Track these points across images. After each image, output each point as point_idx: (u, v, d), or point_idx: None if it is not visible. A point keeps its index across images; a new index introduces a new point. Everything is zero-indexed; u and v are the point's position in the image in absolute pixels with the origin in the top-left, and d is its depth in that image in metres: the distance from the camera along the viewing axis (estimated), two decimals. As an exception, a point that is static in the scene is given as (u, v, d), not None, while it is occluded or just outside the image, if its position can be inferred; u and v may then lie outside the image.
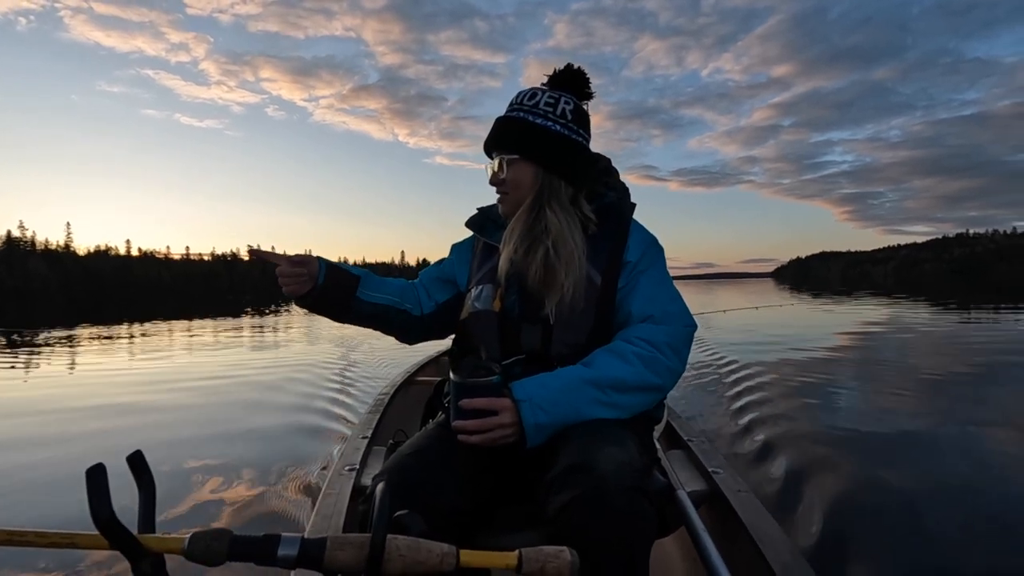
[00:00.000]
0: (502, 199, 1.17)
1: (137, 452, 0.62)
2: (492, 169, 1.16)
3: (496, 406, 0.96)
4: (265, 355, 7.98)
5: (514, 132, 1.13)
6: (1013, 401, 4.07)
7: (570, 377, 1.00)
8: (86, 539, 0.57)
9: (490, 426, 0.95)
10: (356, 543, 0.60)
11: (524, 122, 1.13)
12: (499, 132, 1.15)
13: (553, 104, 1.13)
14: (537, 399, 0.97)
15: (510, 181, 1.14)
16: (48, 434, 3.51)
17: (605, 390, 1.00)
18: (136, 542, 0.57)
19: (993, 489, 2.37)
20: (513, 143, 1.13)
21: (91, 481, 0.53)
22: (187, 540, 0.58)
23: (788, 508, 2.16)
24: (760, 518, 1.08)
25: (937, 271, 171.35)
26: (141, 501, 0.61)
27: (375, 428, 1.68)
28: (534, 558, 0.60)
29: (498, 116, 1.19)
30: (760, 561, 0.95)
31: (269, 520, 2.11)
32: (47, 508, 2.30)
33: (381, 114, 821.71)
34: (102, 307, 26.89)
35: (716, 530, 1.09)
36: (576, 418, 0.98)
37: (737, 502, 1.14)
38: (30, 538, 0.56)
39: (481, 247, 1.24)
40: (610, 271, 1.10)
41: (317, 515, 1.07)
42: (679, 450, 1.49)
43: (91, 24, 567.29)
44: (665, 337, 1.05)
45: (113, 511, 0.54)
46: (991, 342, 7.59)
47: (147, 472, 0.62)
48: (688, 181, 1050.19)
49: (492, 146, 1.17)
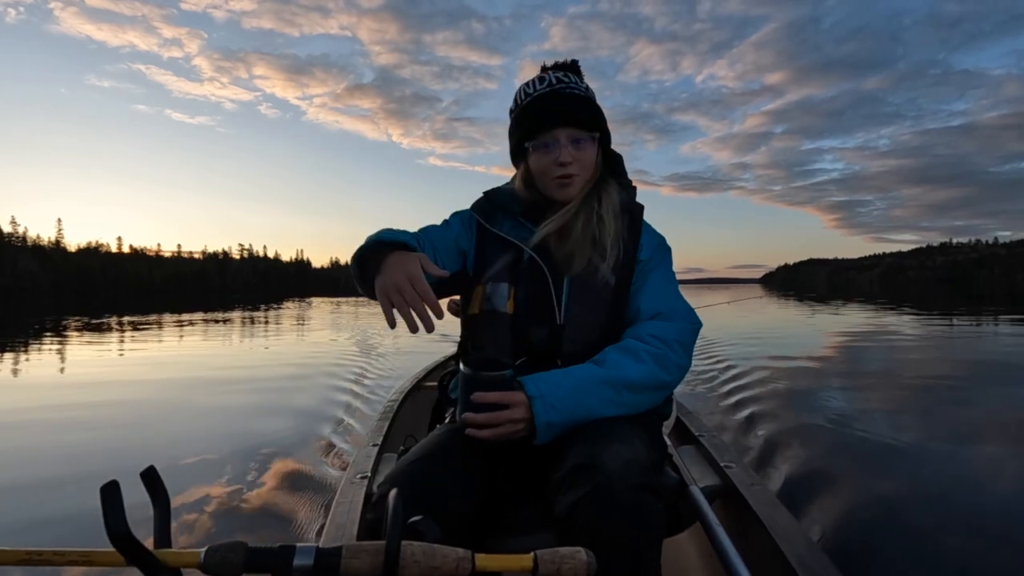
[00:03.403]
0: (572, 181, 1.10)
1: (151, 468, 0.62)
2: (562, 145, 1.07)
3: (509, 400, 0.94)
4: (264, 356, 7.91)
5: (589, 108, 1.09)
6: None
7: (583, 376, 0.98)
8: (103, 556, 0.57)
9: (500, 420, 0.93)
10: (371, 550, 0.60)
11: (591, 101, 1.09)
12: (572, 106, 1.08)
13: (587, 89, 1.13)
14: (550, 397, 0.95)
15: (584, 161, 1.09)
16: (51, 444, 3.42)
17: (619, 390, 0.98)
18: (153, 558, 0.57)
19: (1015, 479, 2.37)
20: (592, 121, 1.08)
21: (105, 498, 0.53)
22: (203, 554, 0.58)
23: (802, 501, 2.16)
24: (775, 511, 1.07)
25: (921, 279, 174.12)
26: (156, 516, 0.62)
27: (385, 435, 1.67)
28: (550, 560, 0.60)
29: (542, 91, 1.09)
30: (777, 555, 0.95)
31: (283, 530, 2.09)
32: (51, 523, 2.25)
33: (375, 114, 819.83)
34: (92, 306, 26.46)
35: (731, 525, 1.09)
36: (587, 417, 0.97)
37: (751, 496, 1.13)
38: (47, 557, 0.57)
39: (489, 237, 1.16)
40: (624, 270, 1.10)
41: (331, 524, 1.07)
42: (690, 446, 1.49)
43: (82, 17, 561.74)
44: (675, 334, 1.05)
45: (128, 527, 0.54)
46: (993, 346, 7.70)
47: (161, 487, 0.63)
48: (680, 186, 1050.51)
49: (567, 121, 1.07)
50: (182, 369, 6.58)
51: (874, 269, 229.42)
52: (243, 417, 4.00)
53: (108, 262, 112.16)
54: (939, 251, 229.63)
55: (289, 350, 8.60)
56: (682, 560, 1.46)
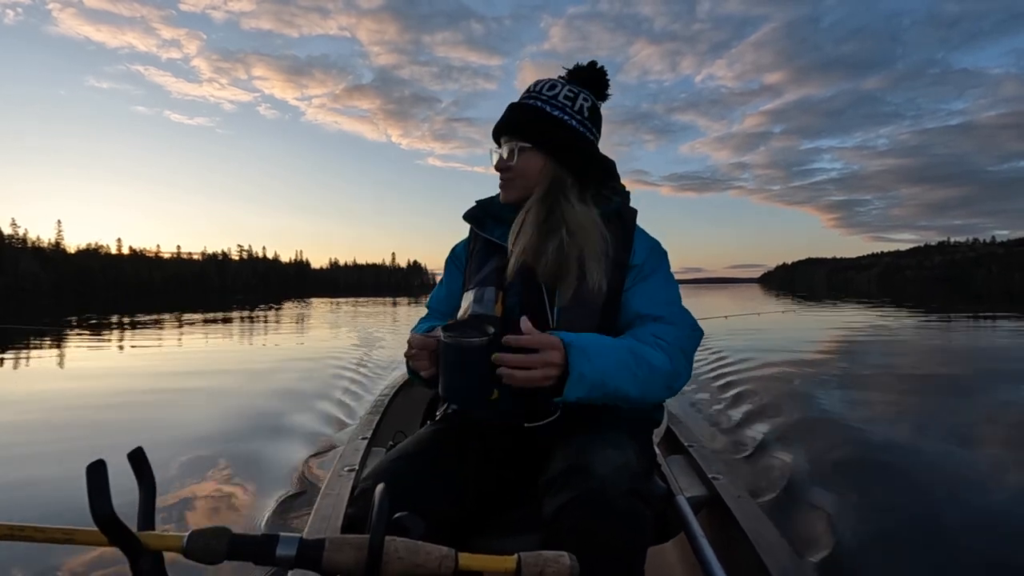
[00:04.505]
0: (506, 184, 1.14)
1: (138, 449, 0.62)
2: (500, 154, 1.13)
3: (545, 343, 0.89)
4: (263, 352, 7.92)
5: (529, 119, 1.11)
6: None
7: (611, 339, 0.98)
8: (85, 535, 0.57)
9: (535, 363, 0.88)
10: (355, 544, 0.59)
11: (541, 111, 1.10)
12: (513, 117, 1.13)
13: (572, 98, 1.12)
14: (580, 344, 0.91)
15: (517, 168, 1.11)
16: (47, 429, 3.46)
17: (640, 363, 0.96)
18: (135, 539, 0.57)
19: (998, 495, 2.35)
20: (527, 130, 1.10)
21: (91, 477, 0.53)
22: (186, 538, 0.57)
23: (788, 515, 2.15)
24: (760, 524, 1.07)
25: (919, 278, 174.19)
26: (141, 498, 0.61)
27: (375, 429, 1.67)
28: (533, 562, 0.60)
29: (512, 102, 1.16)
30: (760, 567, 0.95)
31: (268, 519, 2.09)
32: (46, 502, 2.27)
33: (374, 114, 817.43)
34: (93, 307, 26.46)
35: (715, 536, 1.09)
36: (606, 382, 0.92)
37: (737, 508, 1.13)
38: (29, 532, 0.56)
39: (479, 245, 1.20)
40: (616, 277, 1.08)
41: (316, 516, 1.06)
42: (679, 455, 1.48)
43: (81, 18, 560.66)
44: (676, 339, 1.03)
45: (112, 508, 0.54)
46: (994, 348, 7.68)
47: (148, 469, 0.62)
48: (679, 186, 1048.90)
49: (503, 131, 1.13)
50: (183, 362, 6.61)
51: (872, 269, 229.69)
52: (239, 408, 4.01)
53: (108, 263, 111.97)
54: (937, 250, 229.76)
55: (290, 346, 8.63)
56: (665, 569, 1.46)
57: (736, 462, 2.80)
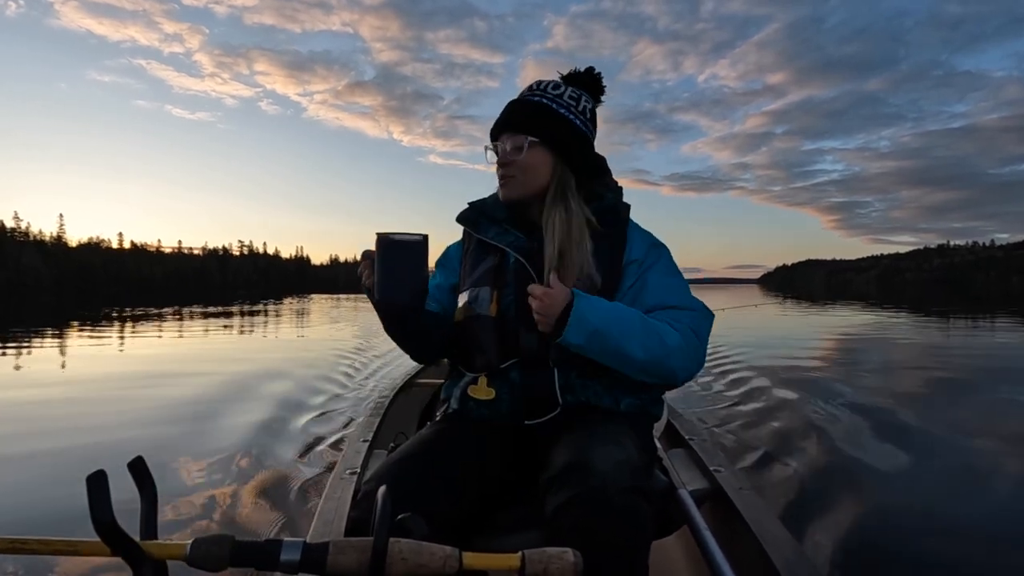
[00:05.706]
0: (508, 182, 1.12)
1: (138, 458, 0.62)
2: (504, 148, 1.11)
3: (554, 289, 0.97)
4: (262, 353, 7.89)
5: (538, 115, 1.10)
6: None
7: (625, 308, 1.02)
8: (88, 546, 0.57)
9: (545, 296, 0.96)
10: (358, 547, 0.60)
11: (548, 108, 1.11)
12: (518, 112, 1.12)
13: (576, 99, 1.13)
14: (593, 300, 0.98)
15: (522, 164, 1.10)
16: (47, 436, 3.43)
17: (651, 335, 0.99)
18: (138, 548, 0.57)
19: (1001, 487, 2.36)
20: (535, 126, 1.10)
21: (92, 488, 0.53)
22: (189, 546, 0.58)
23: (791, 506, 2.15)
24: (763, 516, 1.07)
25: (918, 280, 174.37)
26: (143, 507, 0.61)
27: (376, 431, 1.67)
28: (537, 559, 0.60)
29: (511, 99, 1.16)
30: (763, 559, 0.95)
31: (271, 525, 2.08)
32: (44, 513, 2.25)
33: (376, 111, 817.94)
34: (94, 302, 26.46)
35: (719, 529, 1.09)
36: (608, 335, 0.97)
37: (739, 500, 1.13)
38: (32, 545, 0.56)
39: (474, 245, 1.19)
40: (611, 273, 1.09)
41: (319, 519, 1.06)
42: (680, 449, 1.48)
43: (82, 11, 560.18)
44: (691, 322, 1.05)
45: (114, 518, 0.54)
46: (995, 348, 7.71)
47: (148, 478, 0.62)
48: (680, 186, 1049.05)
49: (507, 126, 1.12)
50: (182, 363, 6.59)
51: (871, 270, 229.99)
52: (238, 409, 3.98)
53: (109, 258, 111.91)
54: (936, 253, 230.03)
55: (290, 343, 8.64)
56: (669, 563, 1.46)
57: (738, 455, 2.80)
